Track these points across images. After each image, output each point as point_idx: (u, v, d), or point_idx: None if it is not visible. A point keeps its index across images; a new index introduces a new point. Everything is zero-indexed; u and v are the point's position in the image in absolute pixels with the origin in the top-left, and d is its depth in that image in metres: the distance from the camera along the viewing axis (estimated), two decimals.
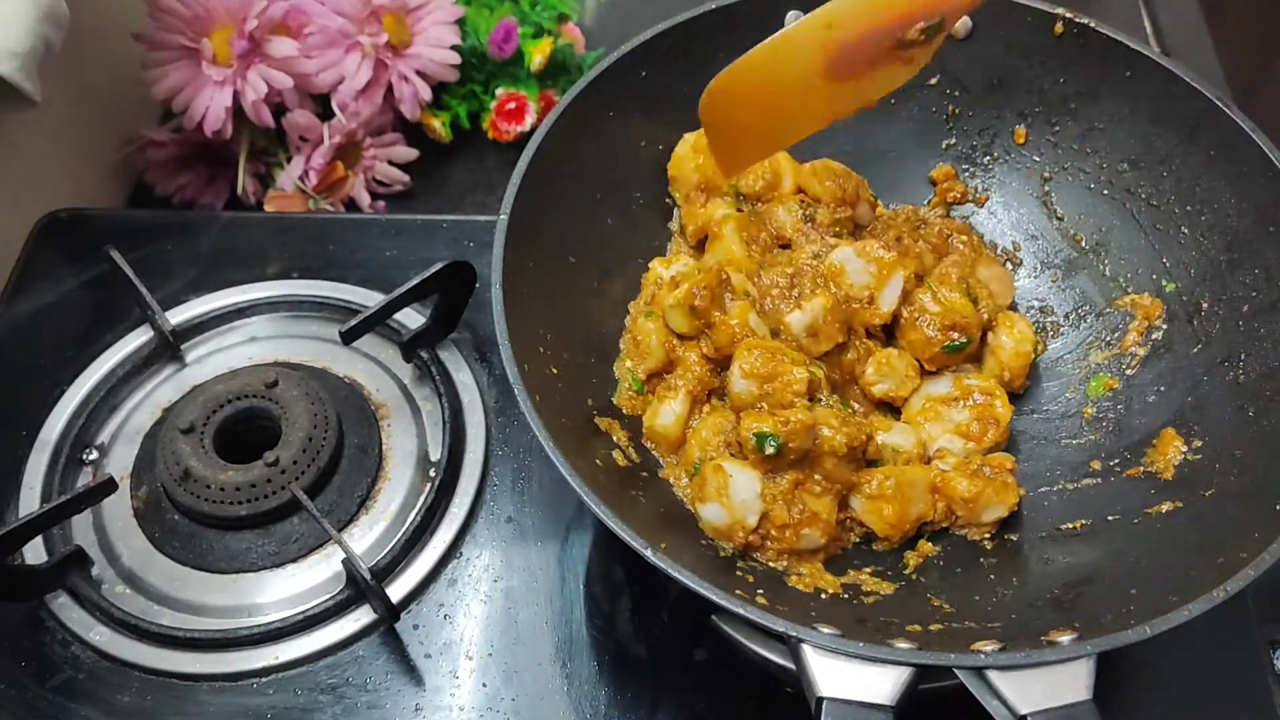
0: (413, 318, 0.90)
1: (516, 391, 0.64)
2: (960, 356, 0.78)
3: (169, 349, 0.90)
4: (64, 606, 0.75)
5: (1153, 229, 0.80)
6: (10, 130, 0.95)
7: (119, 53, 1.04)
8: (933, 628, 0.63)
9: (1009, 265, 0.87)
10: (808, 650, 0.56)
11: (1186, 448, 0.71)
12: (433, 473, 0.83)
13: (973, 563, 0.72)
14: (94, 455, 0.84)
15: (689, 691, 0.74)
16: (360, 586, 0.73)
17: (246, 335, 0.92)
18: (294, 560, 0.78)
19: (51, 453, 0.83)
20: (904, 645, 0.58)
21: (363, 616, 0.75)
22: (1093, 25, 0.79)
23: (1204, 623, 0.55)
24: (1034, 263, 0.86)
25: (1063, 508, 0.74)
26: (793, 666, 0.57)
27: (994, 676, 0.54)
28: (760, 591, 0.65)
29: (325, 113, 1.05)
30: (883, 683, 0.55)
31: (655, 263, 0.82)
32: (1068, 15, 0.79)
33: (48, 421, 0.85)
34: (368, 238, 0.97)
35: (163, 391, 0.88)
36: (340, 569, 0.75)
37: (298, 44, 1.01)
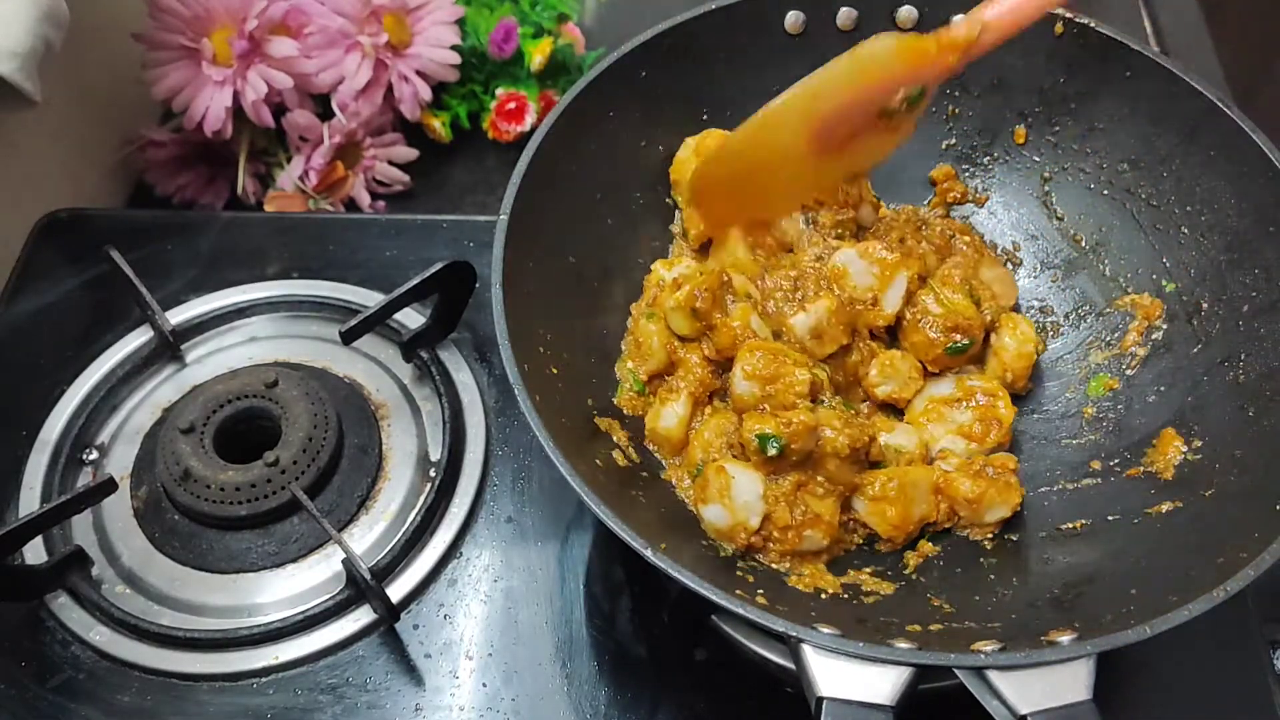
0: (413, 318, 0.90)
1: (516, 391, 0.64)
2: (963, 358, 0.78)
3: (169, 349, 0.90)
4: (64, 606, 0.75)
5: (1153, 229, 0.80)
6: (10, 130, 0.95)
7: (119, 53, 1.04)
8: (933, 628, 0.63)
9: (1009, 265, 0.86)
10: (808, 650, 0.56)
11: (1186, 448, 0.71)
12: (433, 473, 0.83)
13: (973, 563, 0.72)
14: (94, 455, 0.84)
15: (689, 691, 0.74)
16: (360, 586, 0.74)
17: (246, 335, 0.92)
18: (294, 560, 0.78)
19: (51, 453, 0.83)
20: (904, 645, 0.58)
21: (363, 616, 0.75)
22: (1093, 25, 0.79)
23: (1204, 623, 0.55)
24: (1034, 263, 0.86)
25: (1063, 508, 0.74)
26: (793, 666, 0.57)
27: (994, 676, 0.54)
28: (760, 591, 0.65)
29: (325, 113, 1.05)
30: (883, 683, 0.55)
31: (657, 264, 0.82)
32: (1068, 15, 0.79)
33: (48, 421, 0.85)
34: (368, 238, 0.97)
35: (163, 391, 0.88)
36: (340, 569, 0.75)
37: (298, 44, 1.01)
